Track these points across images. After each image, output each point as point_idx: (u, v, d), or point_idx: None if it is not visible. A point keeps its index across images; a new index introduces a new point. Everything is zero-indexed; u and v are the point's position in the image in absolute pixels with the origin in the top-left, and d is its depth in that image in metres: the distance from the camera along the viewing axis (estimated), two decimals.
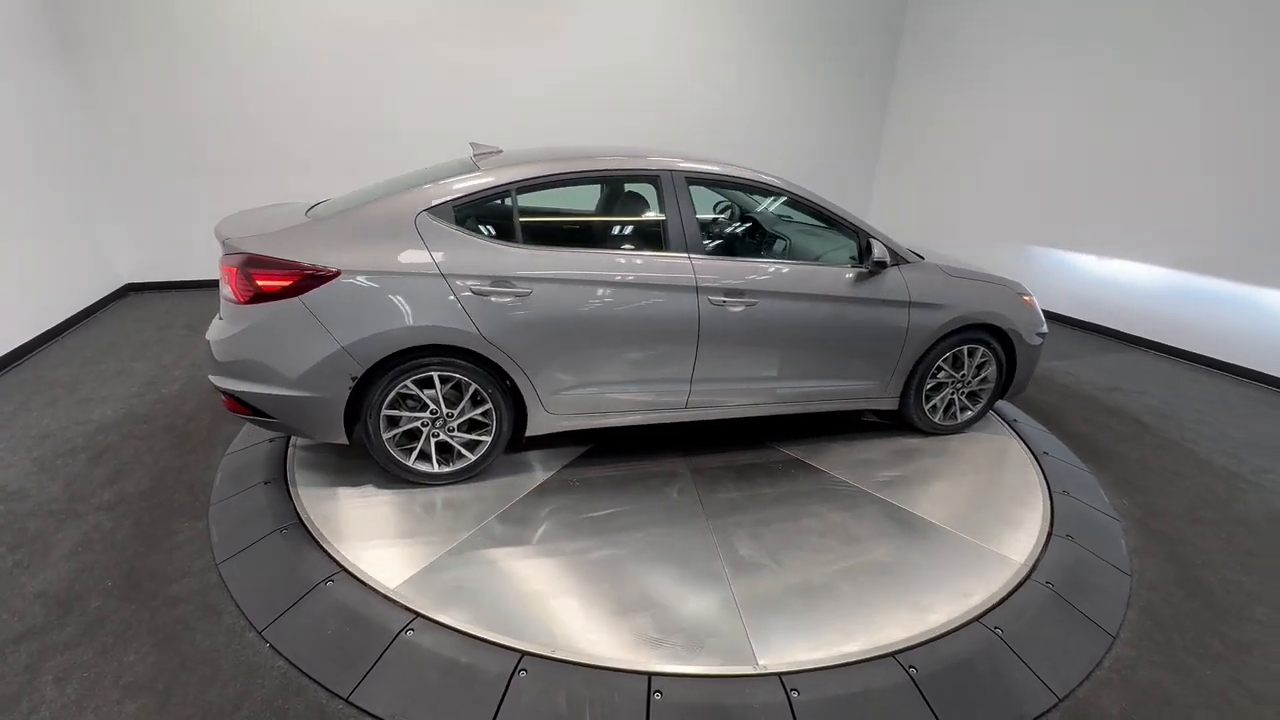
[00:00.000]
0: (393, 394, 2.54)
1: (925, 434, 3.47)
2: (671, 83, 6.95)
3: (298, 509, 2.57)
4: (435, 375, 2.55)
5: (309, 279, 2.36)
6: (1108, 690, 1.98)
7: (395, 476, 2.71)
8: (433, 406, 2.62)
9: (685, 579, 2.29)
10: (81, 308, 4.99)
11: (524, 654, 1.91)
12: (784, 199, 3.09)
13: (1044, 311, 3.54)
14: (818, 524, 2.65)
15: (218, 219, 2.71)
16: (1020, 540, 2.61)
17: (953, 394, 3.41)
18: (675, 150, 3.01)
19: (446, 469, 2.74)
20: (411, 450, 2.68)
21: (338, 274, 2.37)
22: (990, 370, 3.40)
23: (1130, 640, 2.19)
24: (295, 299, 2.36)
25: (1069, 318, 6.21)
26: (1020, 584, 2.36)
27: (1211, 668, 2.10)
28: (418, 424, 2.63)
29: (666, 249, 2.77)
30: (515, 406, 2.75)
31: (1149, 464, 3.49)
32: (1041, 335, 3.42)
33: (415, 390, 2.57)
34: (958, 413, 3.49)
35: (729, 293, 2.77)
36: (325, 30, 5.63)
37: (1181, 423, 4.04)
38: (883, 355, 3.15)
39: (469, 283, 2.48)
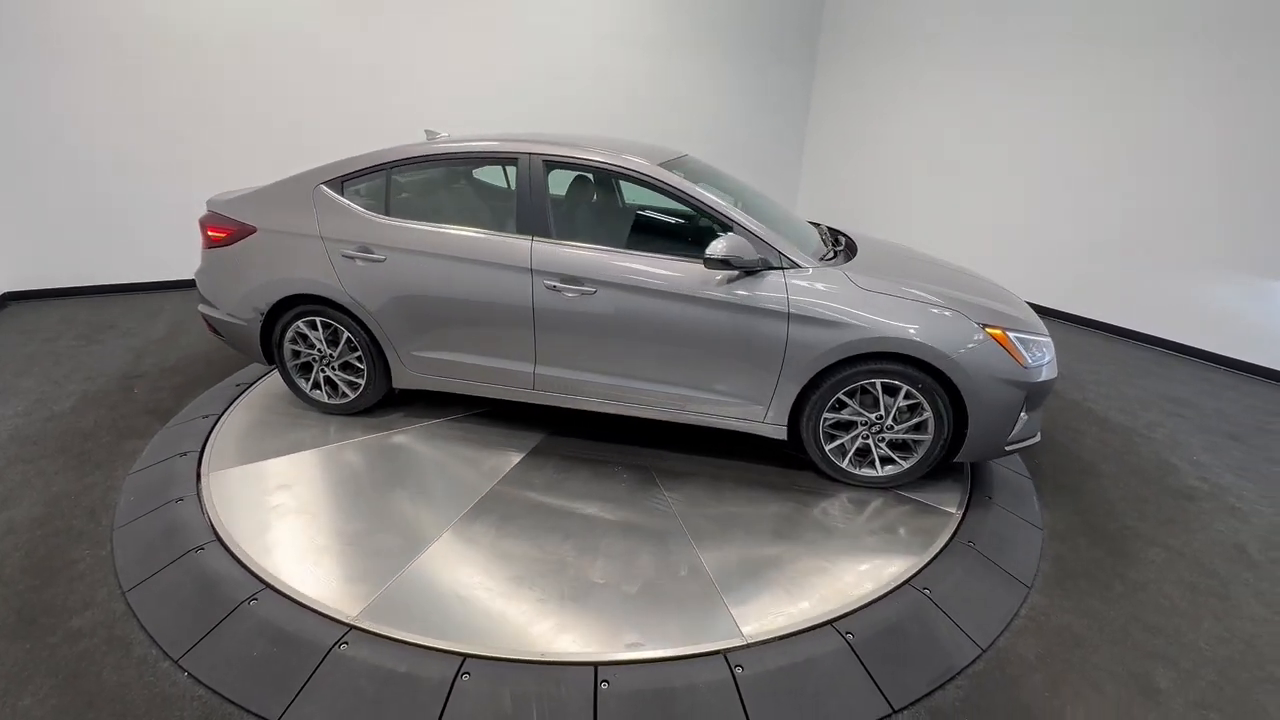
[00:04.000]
0: (290, 331, 3.14)
1: (841, 482, 2.85)
2: (604, 73, 6.88)
3: (215, 525, 2.41)
4: (318, 320, 3.09)
5: (238, 232, 3.07)
6: (1024, 637, 2.13)
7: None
8: (319, 346, 3.15)
9: (402, 537, 2.40)
10: None
11: (466, 656, 1.87)
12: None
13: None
14: (576, 529, 2.49)
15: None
16: (752, 625, 2.05)
17: (868, 438, 2.78)
18: (556, 135, 3.05)
19: (333, 401, 3.27)
20: (308, 380, 3.28)
21: (256, 230, 3.04)
22: (927, 417, 2.65)
23: (1043, 589, 2.37)
24: (230, 247, 3.10)
25: None
26: (945, 546, 2.50)
27: (1114, 608, 2.29)
28: (310, 359, 3.21)
29: (515, 230, 2.83)
30: (383, 358, 3.12)
31: (1056, 423, 3.75)
32: (1017, 383, 2.52)
33: (306, 331, 3.13)
34: (877, 463, 2.81)
35: (565, 279, 2.73)
36: (231, 16, 5.21)
37: (1083, 384, 4.37)
38: (753, 373, 2.68)
39: (341, 246, 2.93)
